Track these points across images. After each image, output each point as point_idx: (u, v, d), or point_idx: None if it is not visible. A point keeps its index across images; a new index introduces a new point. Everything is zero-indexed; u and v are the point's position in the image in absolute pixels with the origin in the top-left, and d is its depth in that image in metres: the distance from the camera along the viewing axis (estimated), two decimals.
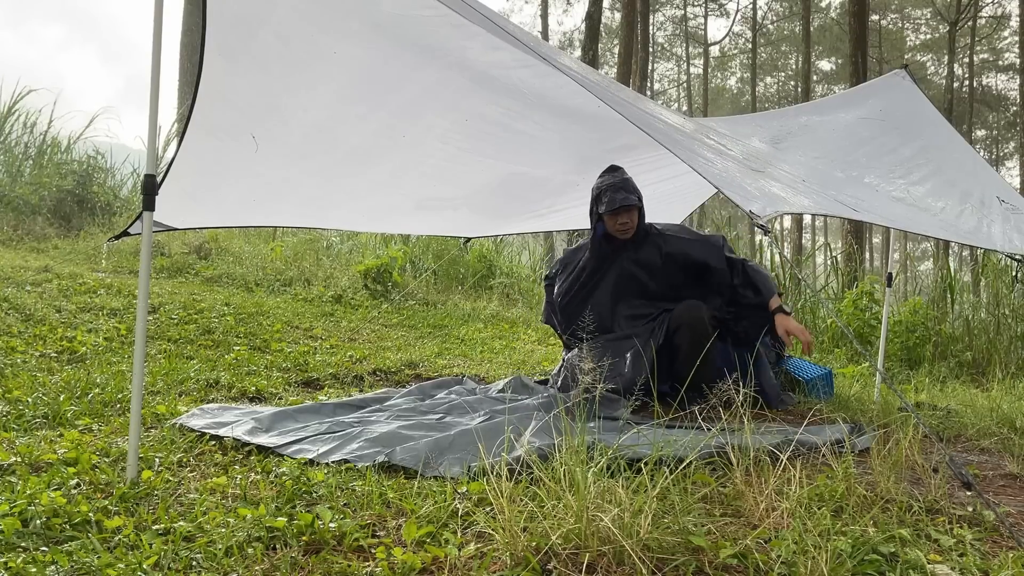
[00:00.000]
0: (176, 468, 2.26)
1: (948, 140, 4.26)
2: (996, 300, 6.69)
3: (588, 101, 3.32)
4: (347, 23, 2.84)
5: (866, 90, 4.92)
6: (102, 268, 6.71)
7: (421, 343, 5.39)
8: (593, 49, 13.55)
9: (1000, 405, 4.00)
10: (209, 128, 2.98)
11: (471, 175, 4.14)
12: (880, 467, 2.22)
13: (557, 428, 2.49)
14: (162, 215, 3.05)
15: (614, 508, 1.67)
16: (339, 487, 2.13)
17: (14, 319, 4.31)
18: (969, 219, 3.47)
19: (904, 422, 2.87)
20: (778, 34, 35.97)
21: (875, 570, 1.63)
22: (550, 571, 1.59)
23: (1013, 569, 1.67)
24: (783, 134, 3.94)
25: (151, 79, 2.13)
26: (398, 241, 9.14)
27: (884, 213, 3.23)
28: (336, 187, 3.90)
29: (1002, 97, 34.52)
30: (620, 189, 3.63)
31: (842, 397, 4.07)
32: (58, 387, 3.14)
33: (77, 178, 8.88)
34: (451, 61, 3.16)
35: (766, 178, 2.80)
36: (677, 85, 39.60)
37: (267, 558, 1.66)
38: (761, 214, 2.10)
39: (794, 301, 7.58)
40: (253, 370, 3.95)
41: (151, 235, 2.18)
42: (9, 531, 1.67)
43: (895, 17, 35.22)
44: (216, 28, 2.59)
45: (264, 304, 5.88)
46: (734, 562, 1.66)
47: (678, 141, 2.65)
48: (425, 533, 1.78)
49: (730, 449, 2.12)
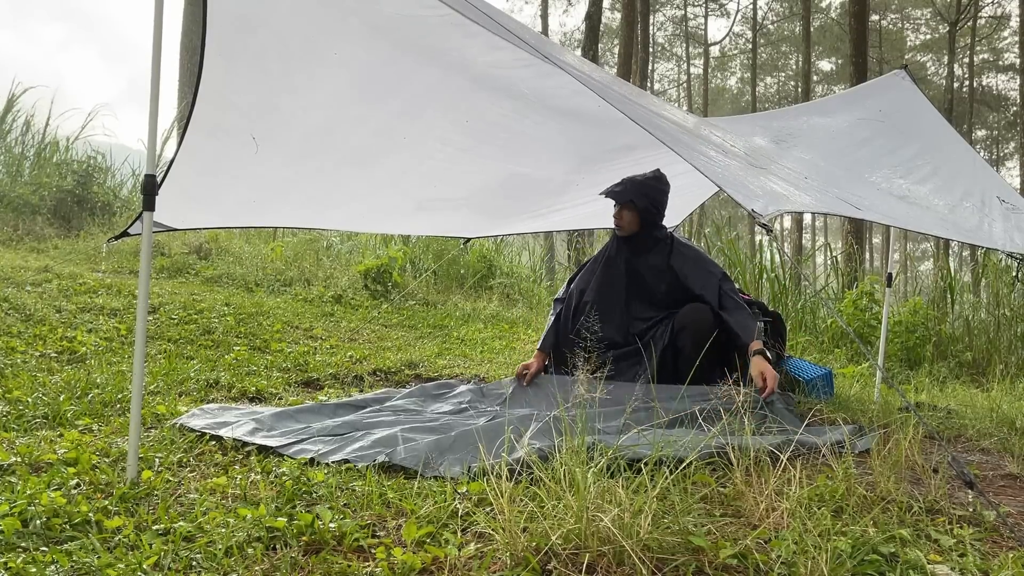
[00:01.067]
0: (176, 468, 2.26)
1: (948, 140, 4.26)
2: (996, 300, 6.68)
3: (589, 100, 3.32)
4: (347, 23, 2.84)
5: (866, 90, 4.91)
6: (102, 268, 6.71)
7: (421, 343, 5.39)
8: (593, 49, 13.55)
9: (1000, 405, 4.00)
10: (209, 129, 2.98)
11: (471, 175, 4.14)
12: (880, 467, 2.22)
13: (558, 429, 2.49)
14: (162, 215, 3.05)
15: (614, 508, 1.67)
16: (339, 487, 2.13)
17: (14, 319, 4.31)
18: (970, 218, 3.47)
19: (904, 422, 2.87)
20: (778, 34, 35.98)
21: (875, 570, 1.63)
22: (550, 571, 1.59)
23: (1013, 569, 1.67)
24: (784, 134, 3.94)
25: (151, 79, 2.13)
26: (398, 241, 9.14)
27: (887, 211, 3.23)
28: (336, 187, 3.90)
29: (1002, 97, 34.53)
30: (620, 183, 3.64)
31: (842, 397, 4.07)
32: (58, 387, 3.14)
33: (77, 178, 8.88)
34: (451, 61, 3.16)
35: (768, 175, 2.80)
36: (677, 85, 39.60)
37: (267, 558, 1.66)
38: (763, 213, 2.10)
39: (794, 301, 7.58)
40: (253, 370, 3.95)
41: (151, 235, 2.18)
42: (9, 531, 1.67)
43: (895, 17, 35.23)
44: (216, 28, 2.59)
45: (264, 304, 5.88)
46: (734, 562, 1.66)
47: (680, 139, 2.64)
48: (425, 533, 1.78)
49: (730, 449, 2.12)
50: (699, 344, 3.27)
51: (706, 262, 3.68)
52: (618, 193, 3.62)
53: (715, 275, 3.60)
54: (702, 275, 3.60)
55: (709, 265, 3.66)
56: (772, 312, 4.37)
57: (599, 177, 4.43)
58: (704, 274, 3.60)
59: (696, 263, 3.64)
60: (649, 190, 3.65)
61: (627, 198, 3.62)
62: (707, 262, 3.69)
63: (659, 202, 3.69)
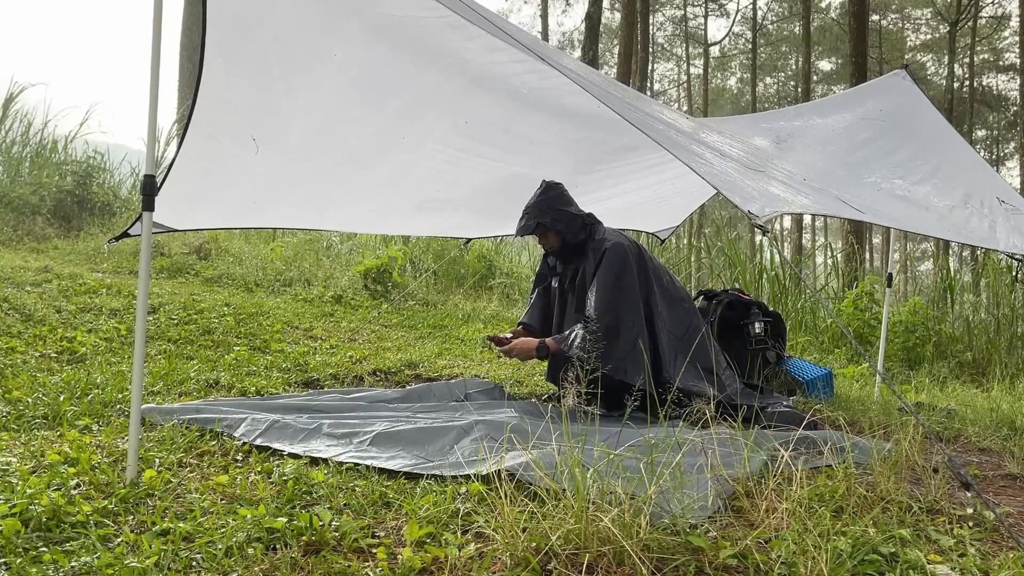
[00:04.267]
0: (176, 468, 2.26)
1: (948, 140, 4.26)
2: (996, 300, 6.69)
3: (587, 102, 3.32)
4: (347, 24, 2.84)
5: (866, 90, 4.92)
6: (102, 269, 6.71)
7: (421, 343, 5.39)
8: (593, 49, 13.54)
9: (1000, 405, 4.00)
10: (209, 130, 2.98)
11: (471, 176, 4.15)
12: (880, 467, 2.22)
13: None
14: (162, 216, 3.06)
15: (614, 508, 1.67)
16: (339, 487, 2.13)
17: (14, 319, 4.31)
18: (970, 219, 3.47)
19: (904, 423, 2.87)
20: (778, 34, 35.96)
21: (875, 570, 1.63)
22: (550, 571, 1.59)
23: (1013, 569, 1.67)
24: (784, 135, 3.94)
25: (151, 79, 2.13)
26: (398, 241, 9.14)
27: (887, 212, 3.22)
28: (336, 188, 3.90)
29: (1002, 97, 34.51)
30: (524, 214, 3.54)
31: (842, 397, 4.07)
32: (58, 387, 3.14)
33: (77, 178, 8.88)
34: (450, 63, 3.16)
35: (766, 177, 2.80)
36: (677, 85, 39.61)
37: (267, 558, 1.66)
38: (760, 214, 2.10)
39: (794, 301, 7.58)
40: (253, 370, 3.95)
41: (151, 236, 2.18)
42: (9, 531, 1.67)
43: (895, 17, 35.21)
44: (216, 29, 2.59)
45: (264, 304, 5.88)
46: (734, 562, 1.66)
47: (677, 142, 2.65)
48: (425, 533, 1.78)
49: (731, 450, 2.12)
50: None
51: (604, 274, 3.37)
52: (529, 226, 3.50)
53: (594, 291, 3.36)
54: (594, 286, 3.38)
55: (603, 279, 3.36)
56: (772, 312, 4.37)
57: (598, 177, 4.44)
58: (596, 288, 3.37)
59: (598, 268, 3.40)
60: (548, 206, 3.50)
61: (532, 228, 3.50)
62: (605, 274, 3.37)
63: (559, 210, 3.51)
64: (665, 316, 3.41)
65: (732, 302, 4.26)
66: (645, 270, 3.45)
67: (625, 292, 3.33)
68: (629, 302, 3.32)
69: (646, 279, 3.43)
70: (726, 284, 7.90)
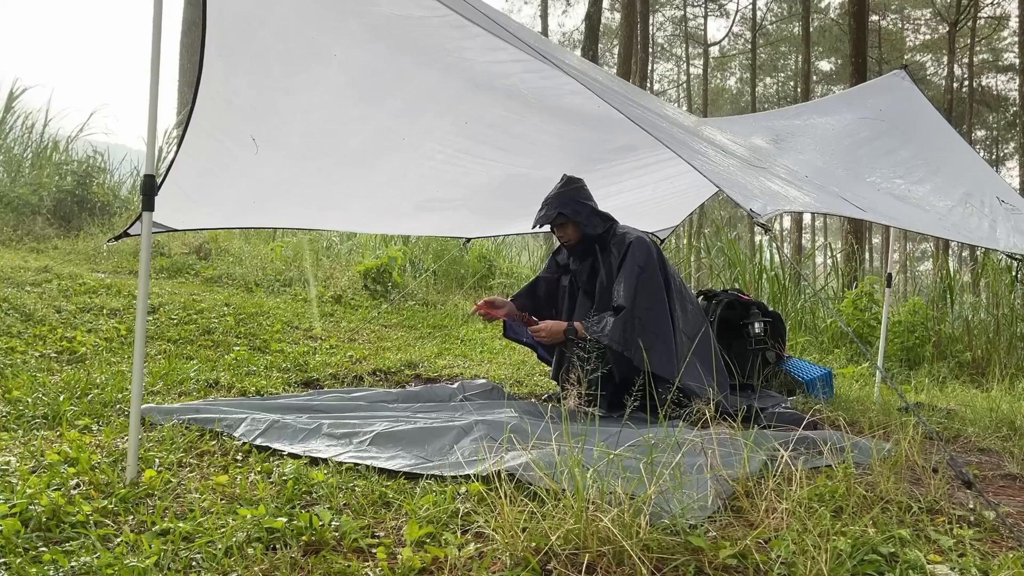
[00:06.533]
0: (176, 468, 2.26)
1: (948, 140, 4.26)
2: (996, 300, 6.69)
3: (588, 101, 3.32)
4: (346, 24, 2.84)
5: (866, 90, 4.92)
6: (102, 268, 6.71)
7: (421, 343, 5.39)
8: (593, 49, 13.53)
9: (1000, 405, 4.00)
10: (209, 129, 2.98)
11: (471, 176, 4.14)
12: (880, 467, 2.22)
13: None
14: (162, 216, 3.06)
15: (613, 508, 1.67)
16: (339, 487, 2.13)
17: (14, 319, 4.31)
18: (970, 218, 3.47)
19: (904, 423, 2.87)
20: (778, 35, 35.95)
21: (875, 570, 1.63)
22: (550, 571, 1.59)
23: (1013, 569, 1.67)
24: (784, 134, 3.94)
25: (151, 79, 2.13)
26: (398, 241, 9.14)
27: (887, 212, 3.23)
28: (336, 188, 3.90)
29: (1002, 97, 34.50)
30: (544, 205, 3.54)
31: (842, 397, 4.07)
32: (58, 387, 3.14)
33: (77, 178, 8.88)
34: (450, 63, 3.16)
35: (768, 175, 2.80)
36: (677, 85, 39.60)
37: (267, 558, 1.66)
38: (762, 212, 2.10)
39: (794, 301, 7.58)
40: (253, 370, 3.95)
41: (151, 236, 2.18)
42: (9, 531, 1.67)
43: (895, 17, 35.21)
44: (216, 29, 2.59)
45: (264, 304, 5.87)
46: (734, 562, 1.66)
47: (679, 139, 2.65)
48: (425, 533, 1.78)
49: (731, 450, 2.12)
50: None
51: (629, 269, 3.40)
52: (549, 215, 3.50)
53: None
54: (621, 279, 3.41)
55: (630, 273, 3.39)
56: (772, 312, 4.38)
57: (598, 177, 4.44)
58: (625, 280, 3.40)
59: (623, 262, 3.43)
60: (570, 198, 3.52)
61: (552, 217, 3.50)
62: (631, 268, 3.40)
63: (580, 203, 3.53)
64: (679, 315, 3.43)
65: (732, 302, 4.26)
66: (664, 267, 3.48)
67: (652, 284, 3.37)
68: (656, 295, 3.36)
69: (665, 277, 3.46)
70: (726, 284, 7.90)
